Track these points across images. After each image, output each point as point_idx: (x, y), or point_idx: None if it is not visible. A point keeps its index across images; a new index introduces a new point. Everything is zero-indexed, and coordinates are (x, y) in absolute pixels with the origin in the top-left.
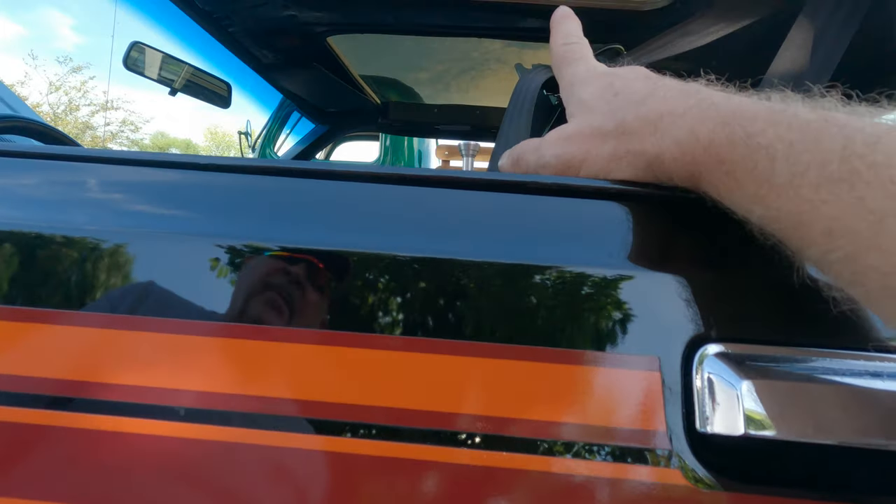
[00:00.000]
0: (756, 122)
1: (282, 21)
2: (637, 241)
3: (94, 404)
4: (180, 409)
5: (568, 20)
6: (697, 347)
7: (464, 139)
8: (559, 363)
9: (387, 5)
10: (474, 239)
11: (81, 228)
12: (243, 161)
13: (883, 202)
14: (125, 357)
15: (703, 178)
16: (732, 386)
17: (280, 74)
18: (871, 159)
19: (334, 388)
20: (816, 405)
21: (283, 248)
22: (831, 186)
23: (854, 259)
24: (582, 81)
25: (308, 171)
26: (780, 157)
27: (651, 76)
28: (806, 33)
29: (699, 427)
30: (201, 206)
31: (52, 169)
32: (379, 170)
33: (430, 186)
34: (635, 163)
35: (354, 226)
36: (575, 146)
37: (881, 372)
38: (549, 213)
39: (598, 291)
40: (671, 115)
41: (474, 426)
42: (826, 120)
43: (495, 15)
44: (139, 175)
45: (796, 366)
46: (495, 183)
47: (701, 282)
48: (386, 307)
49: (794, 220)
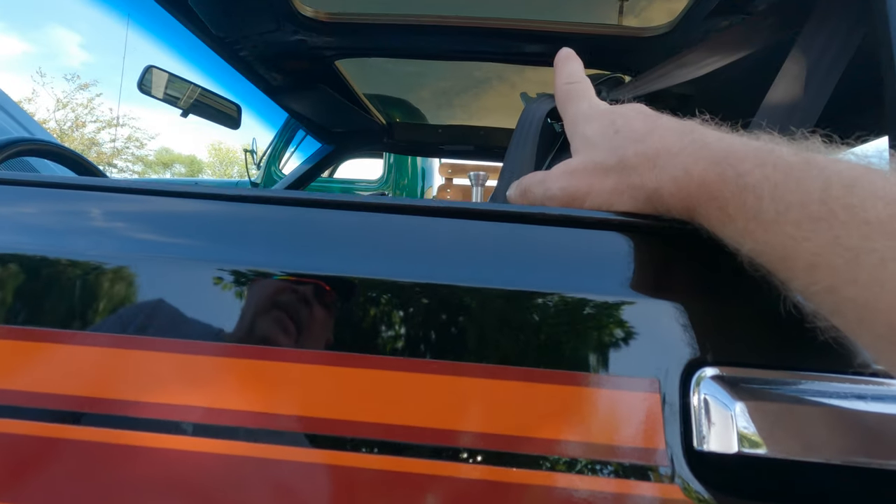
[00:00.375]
0: (745, 163)
1: (291, 45)
2: (638, 270)
3: (95, 418)
4: (182, 424)
5: (571, 61)
6: (694, 370)
7: (468, 159)
8: (566, 385)
9: (393, 31)
10: (488, 267)
11: (85, 253)
12: (245, 192)
13: (857, 241)
14: (128, 375)
15: (698, 211)
16: (727, 407)
17: (288, 96)
18: (846, 202)
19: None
20: (805, 425)
21: (314, 277)
22: (812, 224)
23: (833, 291)
24: (585, 119)
25: (346, 204)
26: (767, 196)
27: (650, 115)
28: (800, 66)
29: (696, 445)
30: (203, 233)
31: (63, 198)
32: (413, 202)
33: (450, 217)
34: (636, 196)
35: (396, 257)
36: (579, 180)
37: (865, 394)
38: (557, 243)
39: (602, 317)
40: (667, 154)
41: (489, 444)
42: (808, 162)
43: (498, 40)
44: (147, 204)
45: (786, 388)
46: (509, 215)
47: (697, 308)
48: (415, 332)
49: (780, 253)
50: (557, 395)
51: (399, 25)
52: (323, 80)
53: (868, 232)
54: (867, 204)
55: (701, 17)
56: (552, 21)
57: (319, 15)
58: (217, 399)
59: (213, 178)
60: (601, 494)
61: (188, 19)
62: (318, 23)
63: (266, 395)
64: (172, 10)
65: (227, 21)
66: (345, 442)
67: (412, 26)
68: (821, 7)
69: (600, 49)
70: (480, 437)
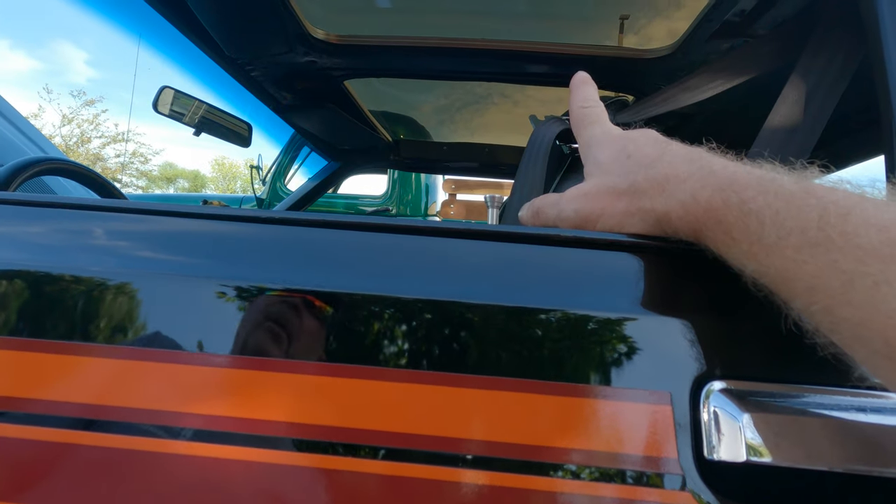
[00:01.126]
0: (748, 190)
1: (302, 66)
2: (649, 289)
3: (106, 425)
4: (193, 431)
5: (586, 85)
6: (704, 384)
7: (472, 175)
8: (581, 397)
9: (401, 53)
10: (509, 287)
11: (88, 269)
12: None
13: (852, 265)
14: (134, 384)
15: (704, 234)
16: (735, 418)
17: (297, 114)
18: (842, 229)
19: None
20: (809, 435)
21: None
22: (810, 249)
23: (830, 311)
24: (599, 143)
25: (364, 226)
26: (768, 222)
27: (660, 140)
28: (799, 90)
29: (706, 455)
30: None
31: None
32: (437, 226)
33: (470, 239)
34: (646, 219)
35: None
36: (592, 203)
37: (865, 406)
38: (572, 264)
39: (616, 333)
40: (676, 179)
41: (511, 453)
42: (807, 191)
43: (502, 61)
44: (152, 224)
45: (791, 400)
46: (527, 236)
47: (705, 325)
48: (444, 349)
49: (781, 275)
50: (574, 407)
51: (407, 47)
52: (331, 99)
53: (862, 256)
54: (861, 231)
55: (703, 39)
56: (555, 43)
57: (330, 37)
58: (225, 408)
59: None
60: (617, 502)
61: (202, 40)
62: (329, 45)
63: (279, 405)
64: (187, 31)
65: (240, 43)
66: (357, 449)
67: (419, 48)
68: (819, 32)
69: (603, 70)
70: (502, 446)
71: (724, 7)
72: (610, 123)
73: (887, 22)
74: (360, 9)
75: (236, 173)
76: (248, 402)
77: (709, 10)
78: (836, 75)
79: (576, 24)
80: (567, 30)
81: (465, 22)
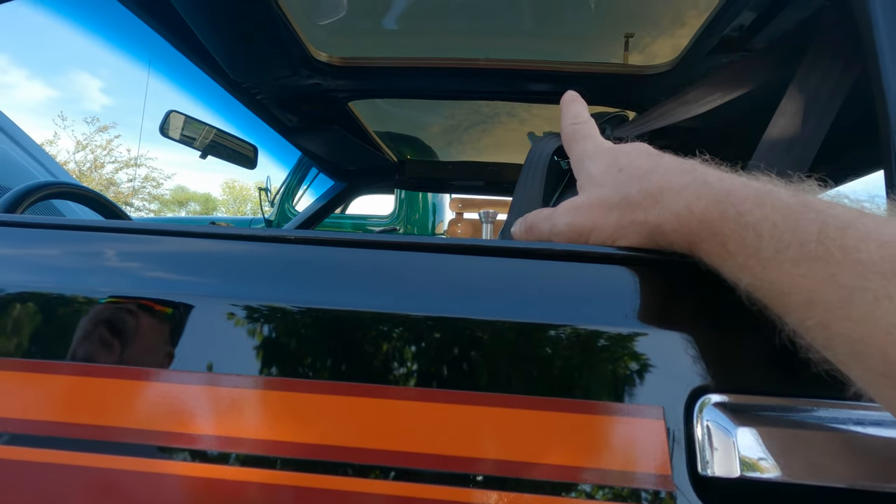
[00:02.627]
0: (745, 202)
1: (307, 89)
2: (642, 302)
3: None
4: (207, 452)
5: (576, 102)
6: (698, 398)
7: (478, 194)
8: (573, 412)
9: (404, 74)
10: (498, 301)
11: (98, 290)
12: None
13: (852, 279)
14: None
15: (699, 247)
16: (728, 433)
17: (302, 136)
18: (841, 243)
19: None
20: (803, 449)
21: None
22: (809, 263)
23: (826, 326)
24: (591, 157)
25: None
26: (766, 235)
27: (652, 153)
28: (797, 103)
29: (700, 471)
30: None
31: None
32: (427, 240)
33: (461, 254)
34: (639, 231)
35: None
36: (585, 216)
37: (862, 420)
38: (565, 278)
39: (607, 348)
40: (670, 191)
41: (500, 470)
42: (805, 204)
43: (505, 80)
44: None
45: (786, 414)
46: (518, 251)
47: (701, 339)
48: (426, 363)
49: (777, 289)
50: (565, 423)
51: (410, 68)
52: (336, 121)
53: (862, 271)
54: (861, 245)
55: (703, 54)
56: (558, 61)
57: (334, 60)
58: (234, 429)
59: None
60: None
61: (208, 65)
62: (333, 67)
63: (290, 424)
64: (193, 57)
65: (245, 67)
66: (361, 469)
67: (422, 68)
68: (816, 45)
69: (605, 87)
70: (491, 463)
71: (723, 23)
72: (601, 138)
73: (883, 35)
74: (362, 31)
75: (247, 196)
76: (257, 421)
77: (707, 25)
78: (834, 87)
79: (579, 42)
80: (570, 48)
81: (467, 42)
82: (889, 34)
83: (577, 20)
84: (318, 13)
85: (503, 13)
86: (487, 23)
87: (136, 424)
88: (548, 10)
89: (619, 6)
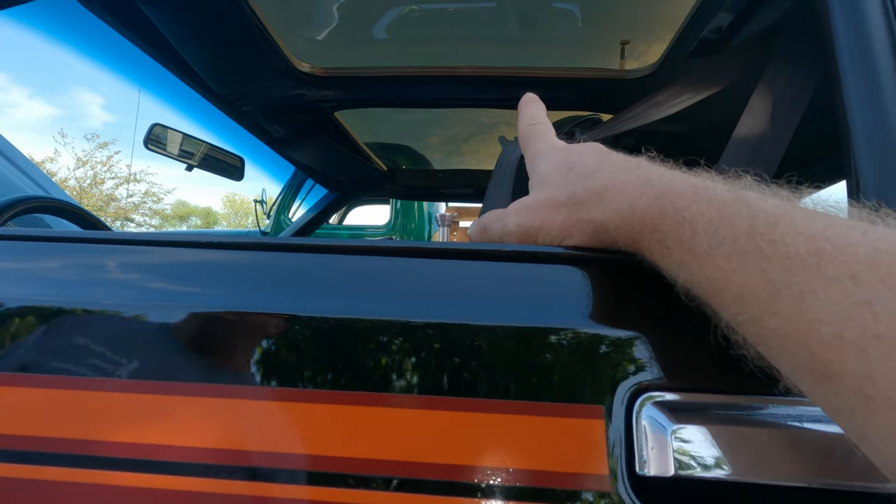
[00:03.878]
0: (682, 199)
1: (291, 99)
2: (587, 301)
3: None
4: (202, 466)
5: (532, 104)
6: (638, 396)
7: (469, 201)
8: (512, 413)
9: (387, 83)
10: (442, 303)
11: (101, 303)
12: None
13: (780, 274)
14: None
15: (641, 244)
16: (664, 431)
17: (290, 147)
18: (770, 237)
19: None
20: (741, 446)
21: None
22: (740, 258)
23: (757, 322)
24: (542, 157)
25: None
26: (701, 230)
27: (602, 151)
28: (765, 101)
29: (638, 470)
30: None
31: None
32: (369, 245)
33: (405, 257)
34: (585, 230)
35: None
36: (533, 216)
37: (801, 416)
38: (507, 278)
39: (549, 347)
40: (613, 189)
41: (432, 474)
42: (739, 199)
43: (491, 87)
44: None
45: (723, 411)
46: (465, 252)
47: (643, 337)
48: (372, 366)
49: (712, 285)
50: (502, 424)
51: (392, 77)
52: (323, 131)
53: (789, 266)
54: (788, 239)
55: (682, 57)
56: (540, 67)
57: (316, 70)
58: (228, 441)
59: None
60: None
61: (191, 79)
62: (315, 77)
63: (290, 435)
64: (176, 70)
65: (228, 80)
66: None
67: (405, 77)
68: (782, 47)
69: (589, 92)
70: (424, 467)
71: (699, 26)
72: (556, 139)
73: (842, 39)
74: (344, 41)
75: (248, 209)
76: (253, 433)
77: (684, 29)
78: (801, 84)
79: (564, 48)
80: (554, 54)
81: (452, 50)
82: (847, 38)
83: (562, 26)
84: (298, 24)
85: (487, 21)
86: (467, 31)
87: (129, 439)
88: (530, 17)
89: (608, 11)
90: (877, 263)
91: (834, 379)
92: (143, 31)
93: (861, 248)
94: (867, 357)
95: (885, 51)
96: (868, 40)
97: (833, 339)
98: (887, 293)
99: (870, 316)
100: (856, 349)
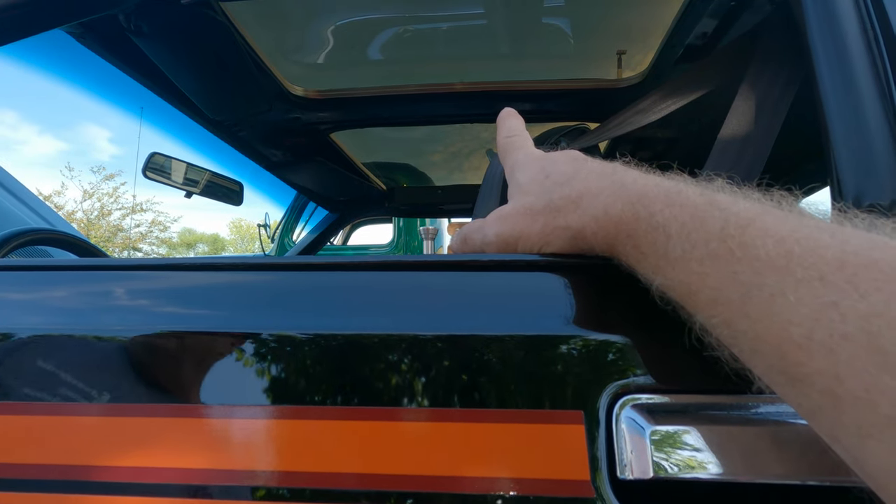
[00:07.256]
0: (656, 203)
1: (286, 123)
2: (566, 308)
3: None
4: (203, 486)
5: (510, 118)
6: (617, 400)
7: (471, 217)
8: (495, 422)
9: (381, 103)
10: (424, 314)
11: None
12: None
13: (750, 277)
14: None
15: (617, 249)
16: (643, 433)
17: (288, 170)
18: (741, 240)
19: None
20: (720, 447)
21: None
22: (712, 261)
23: (729, 324)
24: (520, 167)
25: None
26: (674, 235)
27: (578, 158)
28: (748, 102)
29: (619, 474)
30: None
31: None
32: (349, 261)
33: (388, 271)
34: (562, 237)
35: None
36: (511, 225)
37: (779, 413)
38: (487, 287)
39: (529, 354)
40: (589, 195)
41: (413, 485)
42: (711, 203)
43: (486, 102)
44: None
45: (702, 412)
46: (443, 263)
47: (621, 341)
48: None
49: (686, 289)
50: (482, 433)
51: (386, 97)
52: (320, 153)
53: (760, 268)
54: (758, 242)
55: (670, 64)
56: (531, 80)
57: (309, 93)
58: (238, 461)
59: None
60: None
61: (187, 107)
62: (309, 100)
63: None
64: (172, 100)
65: (222, 106)
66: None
67: (399, 96)
68: (763, 49)
69: (579, 102)
70: (405, 478)
71: (684, 32)
72: (533, 149)
73: (817, 39)
74: (337, 64)
75: (254, 234)
76: (259, 452)
77: (669, 36)
78: (784, 86)
79: (555, 61)
80: (546, 67)
81: (443, 67)
82: (821, 38)
83: (551, 39)
84: (290, 49)
85: (478, 38)
86: (456, 48)
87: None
88: (520, 33)
89: (596, 23)
90: (844, 265)
91: (804, 380)
92: (138, 63)
93: (829, 251)
94: (835, 357)
95: (860, 49)
96: (842, 40)
97: (802, 341)
98: (854, 294)
99: (837, 316)
100: (824, 350)
